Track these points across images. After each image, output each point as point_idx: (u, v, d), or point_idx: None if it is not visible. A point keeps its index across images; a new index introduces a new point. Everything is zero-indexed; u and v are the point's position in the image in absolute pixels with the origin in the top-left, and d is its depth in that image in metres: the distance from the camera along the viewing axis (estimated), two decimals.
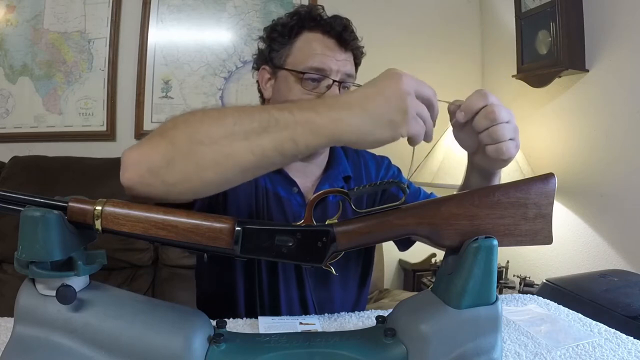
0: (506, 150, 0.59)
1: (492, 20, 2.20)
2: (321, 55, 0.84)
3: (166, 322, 0.51)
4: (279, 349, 0.53)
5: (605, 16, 1.58)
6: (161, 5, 2.01)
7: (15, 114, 1.96)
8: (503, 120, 0.59)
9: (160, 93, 2.03)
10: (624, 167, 1.50)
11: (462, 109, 0.60)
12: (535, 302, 0.86)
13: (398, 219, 0.53)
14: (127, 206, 0.49)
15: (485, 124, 0.59)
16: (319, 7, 0.90)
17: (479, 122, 0.59)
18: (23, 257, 0.45)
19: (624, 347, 0.66)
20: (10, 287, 1.60)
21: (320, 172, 0.95)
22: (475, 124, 0.59)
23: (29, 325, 0.47)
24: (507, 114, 0.59)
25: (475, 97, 0.59)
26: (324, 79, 0.84)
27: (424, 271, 2.07)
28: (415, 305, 0.57)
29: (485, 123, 0.59)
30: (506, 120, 0.59)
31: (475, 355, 0.51)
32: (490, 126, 0.58)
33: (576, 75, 1.67)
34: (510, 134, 0.59)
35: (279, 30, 0.88)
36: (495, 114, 0.58)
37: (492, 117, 0.58)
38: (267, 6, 2.09)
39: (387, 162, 1.04)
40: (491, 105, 0.59)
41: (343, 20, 0.88)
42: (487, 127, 0.59)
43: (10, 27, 1.94)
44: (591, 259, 1.62)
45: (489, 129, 0.59)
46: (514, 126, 0.60)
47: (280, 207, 0.88)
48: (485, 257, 0.51)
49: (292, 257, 0.52)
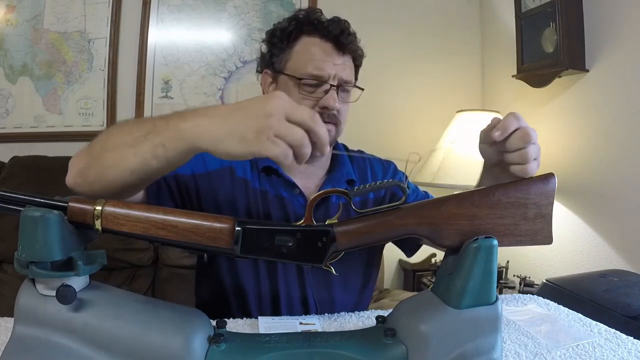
0: (530, 170, 0.61)
1: (492, 20, 2.20)
2: (319, 60, 0.85)
3: (166, 322, 0.51)
4: (279, 349, 0.53)
5: (605, 16, 1.58)
6: (161, 5, 2.01)
7: (15, 114, 1.96)
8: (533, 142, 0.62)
9: (160, 93, 2.03)
10: (624, 167, 1.50)
11: (498, 127, 0.62)
12: (535, 302, 0.86)
13: (398, 219, 0.53)
14: (127, 206, 0.49)
15: (518, 145, 0.61)
16: (317, 11, 0.90)
17: (513, 143, 0.61)
18: (23, 257, 0.45)
19: (624, 347, 0.66)
20: (10, 287, 1.60)
21: (323, 174, 0.96)
22: (509, 144, 0.62)
23: (29, 325, 0.47)
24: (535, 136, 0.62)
25: (511, 119, 0.62)
26: (321, 84, 0.85)
27: (424, 271, 2.07)
28: (415, 305, 0.57)
29: (518, 144, 0.61)
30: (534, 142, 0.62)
31: (475, 355, 0.51)
32: (522, 148, 0.61)
33: (576, 75, 1.67)
34: (535, 154, 0.62)
35: (278, 36, 0.89)
36: (530, 136, 0.61)
37: (526, 140, 0.61)
38: (267, 6, 2.09)
39: (394, 167, 1.04)
40: (525, 128, 0.61)
41: (341, 23, 0.88)
42: (519, 148, 0.61)
43: (10, 27, 1.94)
44: (591, 259, 1.62)
45: (520, 150, 0.61)
46: (539, 147, 0.63)
47: (282, 207, 0.89)
48: (485, 257, 0.51)
49: (292, 257, 0.52)
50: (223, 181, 0.88)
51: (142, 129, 0.59)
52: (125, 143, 0.59)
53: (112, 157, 0.60)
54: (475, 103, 2.22)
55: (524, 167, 0.61)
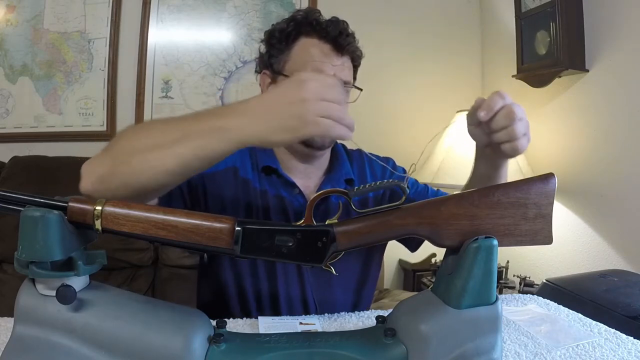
0: (520, 146, 0.61)
1: (492, 20, 2.20)
2: (318, 61, 0.85)
3: (166, 322, 0.50)
4: (279, 349, 0.53)
5: (605, 16, 1.57)
6: (161, 5, 2.01)
7: (15, 114, 1.96)
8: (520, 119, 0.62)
9: (160, 93, 2.03)
10: (624, 168, 1.50)
11: (483, 107, 0.62)
12: (535, 302, 0.86)
13: (398, 219, 0.53)
14: (127, 206, 0.49)
15: (504, 123, 0.61)
16: (316, 12, 0.90)
17: (498, 121, 0.62)
18: (23, 257, 0.45)
19: (624, 347, 0.66)
20: (10, 287, 1.60)
21: (322, 174, 0.96)
22: (495, 123, 0.62)
23: (29, 325, 0.46)
24: (521, 112, 0.62)
25: (495, 98, 0.62)
26: None
27: (424, 271, 2.07)
28: (415, 305, 0.57)
29: (504, 122, 0.61)
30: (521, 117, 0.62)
31: (475, 355, 0.51)
32: (508, 125, 0.61)
33: (576, 75, 1.67)
34: (524, 130, 0.62)
35: (277, 37, 0.89)
36: (514, 113, 0.61)
37: (512, 117, 0.61)
38: (267, 6, 2.09)
39: (392, 163, 1.04)
40: (510, 105, 0.61)
41: (340, 24, 0.88)
42: (505, 126, 0.61)
43: (10, 27, 1.94)
44: (591, 259, 1.62)
45: (507, 128, 0.61)
46: (526, 122, 0.63)
47: (282, 207, 0.89)
48: (485, 257, 0.51)
49: (292, 257, 0.52)
50: (228, 181, 0.88)
51: (176, 131, 0.59)
52: (159, 145, 0.59)
53: (145, 161, 0.60)
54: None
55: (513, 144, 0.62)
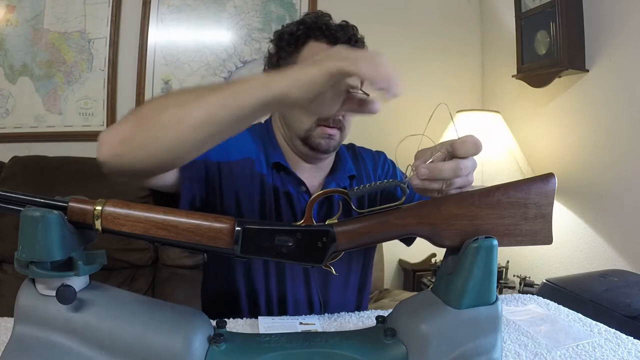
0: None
1: (492, 20, 2.20)
2: None
3: (166, 322, 0.50)
4: (279, 349, 0.53)
5: (605, 16, 1.58)
6: (161, 5, 2.01)
7: (15, 114, 1.96)
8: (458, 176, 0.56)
9: (160, 93, 2.02)
10: (624, 167, 1.50)
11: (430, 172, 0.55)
12: (535, 302, 0.86)
13: (398, 219, 0.53)
14: (127, 206, 0.49)
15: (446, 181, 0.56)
16: (326, 16, 0.90)
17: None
18: (23, 257, 0.45)
19: (624, 347, 0.66)
20: (10, 287, 1.59)
21: (326, 174, 0.97)
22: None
23: (29, 325, 0.46)
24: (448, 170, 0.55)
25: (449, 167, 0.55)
26: None
27: (424, 271, 2.07)
28: (415, 305, 0.57)
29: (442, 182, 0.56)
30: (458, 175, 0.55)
31: (475, 355, 0.51)
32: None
33: (576, 75, 1.67)
34: (461, 183, 0.57)
35: (286, 39, 0.89)
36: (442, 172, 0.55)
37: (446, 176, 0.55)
38: (267, 6, 2.08)
39: (383, 157, 1.05)
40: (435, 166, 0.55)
41: (349, 29, 0.88)
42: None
43: (10, 27, 1.94)
44: (591, 259, 1.62)
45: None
46: (469, 167, 0.56)
47: (290, 205, 0.90)
48: (485, 257, 0.51)
49: (292, 257, 0.52)
50: (244, 171, 0.88)
51: (211, 86, 0.58)
52: (187, 100, 0.58)
53: (172, 114, 0.57)
54: (475, 103, 2.22)
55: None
